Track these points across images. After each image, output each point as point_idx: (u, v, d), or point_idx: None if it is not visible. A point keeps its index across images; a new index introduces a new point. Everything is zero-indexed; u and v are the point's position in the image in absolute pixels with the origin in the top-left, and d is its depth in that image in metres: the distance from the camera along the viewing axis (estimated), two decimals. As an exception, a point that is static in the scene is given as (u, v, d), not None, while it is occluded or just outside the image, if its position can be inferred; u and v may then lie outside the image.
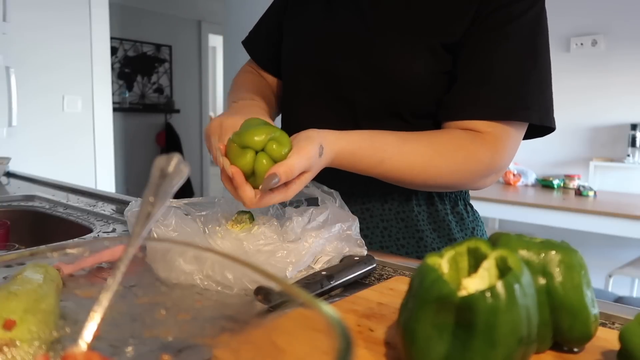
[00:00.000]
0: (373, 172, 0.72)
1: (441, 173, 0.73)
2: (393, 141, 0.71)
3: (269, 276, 0.31)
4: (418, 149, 0.72)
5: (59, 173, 2.61)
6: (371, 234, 0.85)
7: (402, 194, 0.84)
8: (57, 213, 1.05)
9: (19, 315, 0.35)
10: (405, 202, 0.84)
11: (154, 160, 0.36)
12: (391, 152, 0.71)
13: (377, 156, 0.70)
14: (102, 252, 0.41)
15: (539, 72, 0.74)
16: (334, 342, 0.24)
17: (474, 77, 0.75)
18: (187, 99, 5.35)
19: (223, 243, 0.59)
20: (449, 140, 0.74)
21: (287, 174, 0.58)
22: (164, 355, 0.35)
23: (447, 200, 0.87)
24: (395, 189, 0.81)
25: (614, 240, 2.92)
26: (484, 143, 0.73)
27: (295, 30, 0.92)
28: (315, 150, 0.62)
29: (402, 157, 0.71)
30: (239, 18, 3.43)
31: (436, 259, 0.40)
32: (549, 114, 0.75)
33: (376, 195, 0.85)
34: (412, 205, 0.85)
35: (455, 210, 0.87)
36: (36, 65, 2.68)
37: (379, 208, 0.85)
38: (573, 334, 0.41)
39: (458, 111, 0.75)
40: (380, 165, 0.70)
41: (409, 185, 0.76)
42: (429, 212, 0.85)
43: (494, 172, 0.76)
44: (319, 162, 0.63)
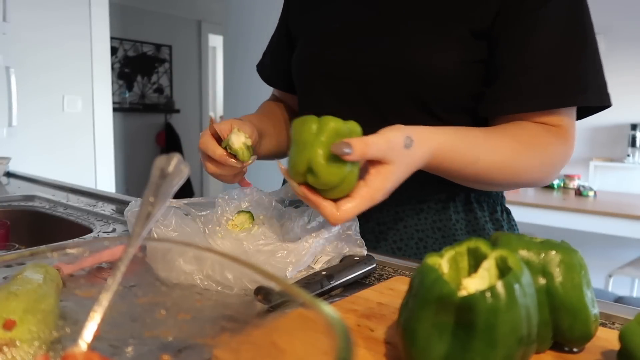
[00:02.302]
0: (465, 173, 0.65)
1: (527, 169, 0.68)
2: (482, 136, 0.65)
3: (269, 276, 0.31)
4: (504, 144, 0.66)
5: (59, 173, 2.61)
6: (405, 246, 0.78)
7: (438, 201, 0.77)
8: (57, 213, 1.05)
9: (19, 315, 0.35)
10: (442, 210, 0.78)
11: (154, 160, 0.36)
12: (483, 149, 0.64)
13: (472, 154, 0.63)
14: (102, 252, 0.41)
15: (591, 51, 0.69)
16: (334, 342, 0.24)
17: (518, 66, 0.68)
18: (187, 99, 5.34)
19: (223, 243, 0.59)
20: (528, 135, 0.68)
21: (362, 146, 0.50)
22: (164, 355, 0.35)
23: (485, 206, 0.81)
24: (431, 196, 0.77)
25: (614, 240, 2.92)
26: (557, 135, 0.69)
27: (305, 30, 0.87)
28: (399, 139, 0.54)
29: (493, 153, 0.65)
30: (239, 18, 3.43)
31: (436, 259, 0.40)
32: (606, 92, 0.70)
33: (411, 204, 0.77)
34: (450, 214, 0.78)
35: (493, 217, 0.81)
36: (36, 65, 2.67)
37: (414, 217, 0.78)
38: (573, 334, 0.41)
39: (506, 104, 0.69)
40: (474, 164, 0.64)
41: (492, 185, 0.71)
42: (467, 219, 0.79)
43: (564, 164, 0.72)
44: (407, 156, 0.55)
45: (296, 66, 0.86)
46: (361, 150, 0.51)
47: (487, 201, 0.81)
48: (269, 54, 0.99)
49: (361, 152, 0.51)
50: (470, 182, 0.69)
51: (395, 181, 0.55)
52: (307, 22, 0.87)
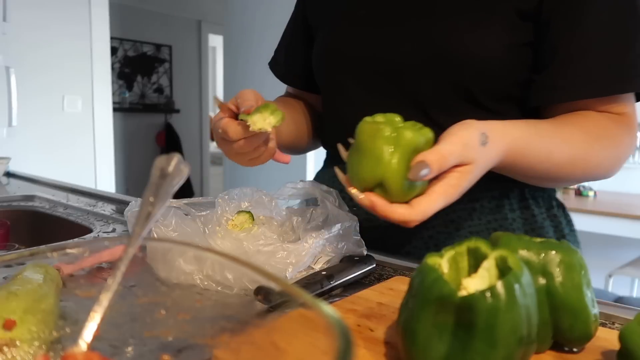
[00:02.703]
0: (538, 169, 0.60)
1: (598, 162, 0.63)
2: (550, 129, 0.61)
3: (269, 276, 0.31)
4: (575, 136, 0.61)
5: (59, 173, 2.61)
6: None
7: (492, 199, 0.71)
8: (57, 213, 1.05)
9: (19, 315, 0.35)
10: (496, 208, 0.71)
11: (154, 160, 0.36)
12: (555, 143, 0.60)
13: (546, 148, 0.59)
14: (102, 252, 0.41)
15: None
16: (334, 342, 0.24)
17: (578, 48, 0.63)
18: (187, 99, 5.34)
19: (223, 243, 0.59)
20: (595, 125, 0.63)
21: (440, 161, 0.47)
22: (164, 355, 0.35)
23: (541, 201, 0.74)
24: (484, 194, 0.71)
25: (614, 240, 2.92)
26: (623, 125, 0.64)
27: (326, 20, 0.79)
28: (473, 137, 0.50)
29: (566, 147, 0.60)
30: (239, 18, 3.43)
31: (436, 259, 0.40)
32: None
33: (462, 204, 0.69)
34: (505, 212, 0.71)
35: (551, 213, 0.75)
36: (36, 65, 2.67)
37: (467, 219, 0.72)
38: (573, 334, 0.41)
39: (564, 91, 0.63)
40: (548, 159, 0.59)
41: (562, 181, 0.66)
42: (524, 217, 0.72)
43: (629, 155, 0.68)
44: (484, 154, 0.51)
45: (318, 60, 0.80)
46: (438, 166, 0.47)
47: (543, 196, 0.75)
48: (283, 50, 0.92)
49: (439, 168, 0.47)
50: (541, 179, 0.65)
51: (471, 180, 0.51)
52: (328, 10, 0.80)
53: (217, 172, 5.59)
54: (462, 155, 0.49)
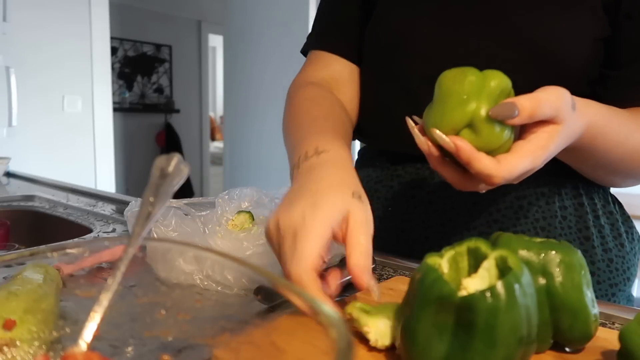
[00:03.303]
0: (611, 156, 0.56)
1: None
2: (624, 114, 0.56)
3: (269, 276, 0.31)
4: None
5: (59, 173, 2.61)
6: None
7: (542, 195, 0.65)
8: (57, 213, 1.05)
9: (19, 315, 0.35)
10: (546, 205, 0.65)
11: (154, 160, 0.36)
12: (631, 128, 0.55)
13: (622, 131, 0.54)
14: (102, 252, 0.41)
15: None
16: (334, 342, 0.24)
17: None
18: (187, 99, 5.34)
19: (223, 243, 0.59)
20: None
21: (532, 106, 0.43)
22: (164, 355, 0.35)
23: (596, 198, 0.68)
24: (532, 190, 0.65)
25: (614, 240, 2.92)
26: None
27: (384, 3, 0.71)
28: (567, 97, 0.46)
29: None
30: (239, 18, 3.43)
31: (436, 259, 0.40)
32: None
33: (507, 201, 0.65)
34: (555, 209, 0.65)
35: (607, 210, 0.69)
36: (36, 65, 2.67)
37: (512, 217, 0.65)
38: (573, 334, 0.41)
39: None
40: (624, 143, 0.55)
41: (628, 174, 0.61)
42: (578, 215, 0.66)
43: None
44: (573, 118, 0.47)
45: (375, 39, 0.71)
46: (530, 111, 0.43)
47: (598, 192, 0.68)
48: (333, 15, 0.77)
49: (530, 113, 0.43)
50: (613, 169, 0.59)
51: (559, 144, 0.47)
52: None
53: (217, 172, 5.59)
54: (555, 108, 0.45)
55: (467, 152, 0.44)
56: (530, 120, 0.44)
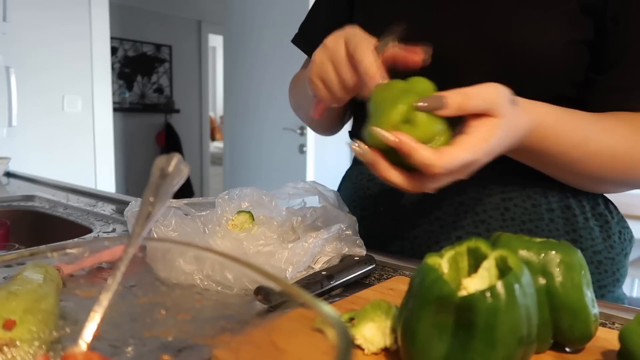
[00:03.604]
0: (569, 157, 0.56)
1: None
2: (590, 116, 0.56)
3: (269, 276, 0.31)
4: (618, 128, 0.56)
5: (59, 173, 2.61)
6: None
7: (528, 197, 0.65)
8: (57, 213, 1.05)
9: (19, 315, 0.35)
10: (532, 207, 0.65)
11: (154, 160, 0.36)
12: (594, 130, 0.55)
13: (580, 133, 0.54)
14: (102, 252, 0.41)
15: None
16: (334, 342, 0.24)
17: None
18: (187, 99, 5.35)
19: (223, 243, 0.59)
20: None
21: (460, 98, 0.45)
22: (164, 355, 0.35)
23: (585, 200, 0.67)
24: (517, 192, 0.65)
25: (614, 240, 2.92)
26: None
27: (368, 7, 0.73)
28: (503, 92, 0.47)
29: (606, 136, 0.55)
30: (239, 18, 3.43)
31: (436, 259, 0.40)
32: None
33: (494, 202, 0.66)
34: (542, 212, 0.65)
35: (596, 212, 0.68)
36: (36, 65, 2.68)
37: (498, 219, 0.65)
38: (573, 334, 0.41)
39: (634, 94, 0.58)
40: (581, 146, 0.54)
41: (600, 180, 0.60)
42: (565, 217, 0.66)
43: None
44: (513, 112, 0.48)
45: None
46: (459, 102, 0.45)
47: (587, 193, 0.67)
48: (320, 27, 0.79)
49: (459, 104, 0.45)
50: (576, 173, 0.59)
51: (500, 138, 0.47)
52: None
53: (217, 172, 5.59)
54: (488, 101, 0.46)
55: (408, 143, 0.45)
56: (460, 111, 0.46)
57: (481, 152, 0.46)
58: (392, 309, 0.43)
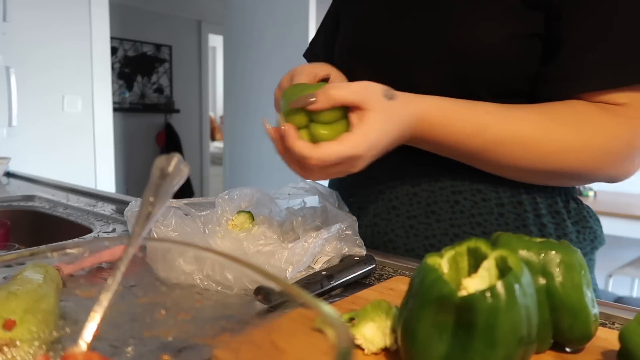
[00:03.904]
0: (469, 146, 0.57)
1: (563, 150, 0.56)
2: (494, 106, 0.58)
3: (269, 276, 0.31)
4: (529, 116, 0.57)
5: (59, 173, 2.61)
6: (439, 243, 0.68)
7: (477, 191, 0.67)
8: (57, 213, 1.05)
9: (19, 315, 0.35)
10: (482, 201, 0.66)
11: (154, 160, 0.36)
12: (494, 118, 0.56)
13: (476, 121, 0.56)
14: (102, 252, 0.41)
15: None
16: (334, 342, 0.24)
17: (589, 36, 0.58)
18: (187, 99, 5.34)
19: (223, 243, 0.59)
20: (570, 110, 0.58)
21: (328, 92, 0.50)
22: (164, 355, 0.35)
23: (540, 196, 0.67)
24: (467, 185, 0.67)
25: (614, 240, 2.91)
26: (618, 116, 0.57)
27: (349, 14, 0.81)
28: (376, 87, 0.52)
29: (510, 124, 0.56)
30: (239, 18, 3.43)
31: (436, 259, 0.40)
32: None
33: (444, 194, 0.68)
34: (492, 206, 0.66)
35: (552, 210, 0.68)
36: (36, 65, 2.67)
37: (448, 211, 0.68)
38: (573, 334, 0.41)
39: (574, 82, 0.58)
40: (480, 134, 0.56)
41: (515, 169, 0.60)
42: (516, 212, 0.66)
43: (638, 155, 0.59)
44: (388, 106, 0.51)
45: (338, 52, 0.81)
46: (324, 96, 0.50)
47: (543, 190, 0.67)
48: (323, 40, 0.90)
49: (325, 98, 0.50)
50: (484, 160, 0.60)
51: (379, 131, 0.51)
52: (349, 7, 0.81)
53: (217, 172, 5.59)
54: (359, 96, 0.50)
55: (289, 138, 0.51)
56: (327, 103, 0.50)
57: (362, 147, 0.51)
58: (392, 309, 0.43)
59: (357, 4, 0.78)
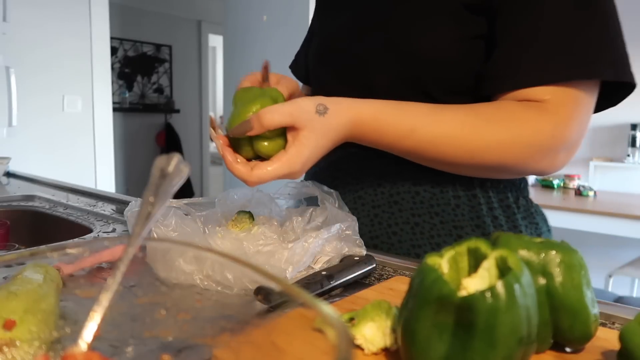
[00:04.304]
0: (402, 146, 0.62)
1: (490, 146, 0.61)
2: (425, 109, 0.62)
3: (269, 276, 0.31)
4: (458, 116, 0.61)
5: (59, 173, 2.61)
6: (401, 231, 0.74)
7: (436, 183, 0.72)
8: (57, 213, 1.05)
9: (19, 315, 0.35)
10: (440, 193, 0.72)
11: (154, 160, 0.36)
12: (425, 120, 0.60)
13: (408, 123, 0.60)
14: (102, 252, 0.41)
15: (601, 20, 0.62)
16: (334, 342, 0.24)
17: (518, 38, 0.63)
18: (187, 99, 5.34)
19: (223, 243, 0.59)
20: (496, 108, 0.63)
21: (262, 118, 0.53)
22: (164, 355, 0.35)
23: (493, 191, 0.73)
24: (428, 178, 0.72)
25: (614, 240, 2.92)
26: (542, 111, 0.61)
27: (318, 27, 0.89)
28: (309, 104, 0.55)
29: (440, 125, 0.60)
30: (239, 18, 3.43)
31: (436, 259, 0.40)
32: (625, 67, 0.62)
33: (406, 186, 0.73)
34: (449, 197, 0.72)
35: (504, 204, 0.74)
36: (36, 65, 2.68)
37: (409, 201, 0.73)
38: (573, 334, 0.41)
39: (505, 79, 0.63)
40: (411, 135, 0.60)
41: (448, 164, 0.65)
42: (471, 205, 0.72)
43: (563, 148, 0.63)
44: (319, 122, 0.55)
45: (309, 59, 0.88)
46: (259, 120, 0.53)
47: (496, 187, 0.73)
48: (303, 53, 0.97)
49: (259, 124, 0.53)
50: (417, 158, 0.65)
51: (313, 148, 0.56)
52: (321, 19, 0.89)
53: (217, 172, 5.59)
54: (291, 117, 0.54)
55: (228, 161, 0.56)
56: (262, 128, 0.54)
57: (296, 165, 0.55)
58: (392, 309, 0.43)
59: (328, 17, 0.86)
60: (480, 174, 0.70)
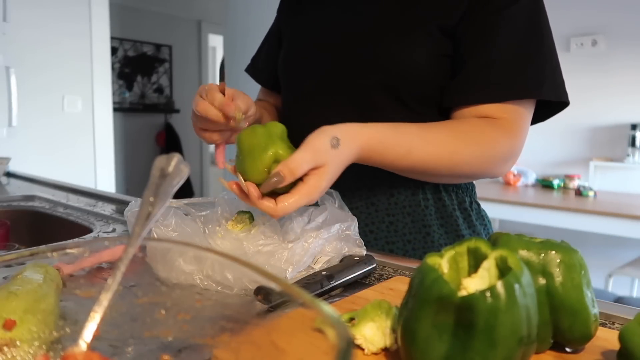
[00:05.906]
0: (401, 164, 0.70)
1: (467, 161, 0.72)
2: (416, 131, 0.70)
3: (269, 276, 0.31)
4: (441, 137, 0.71)
5: (59, 173, 2.61)
6: (377, 229, 0.83)
7: (408, 187, 0.83)
8: (57, 213, 1.05)
9: (19, 315, 0.35)
10: (412, 195, 0.83)
11: (154, 160, 0.36)
12: (417, 142, 0.69)
13: (405, 145, 0.68)
14: (102, 252, 0.41)
15: (547, 51, 0.75)
16: (334, 342, 0.24)
17: (480, 60, 0.74)
18: (187, 99, 5.34)
19: (223, 243, 0.59)
20: (470, 128, 0.73)
21: (292, 170, 0.57)
22: (164, 355, 0.35)
23: (454, 195, 0.86)
24: (401, 182, 0.81)
25: (614, 240, 2.92)
26: (500, 128, 0.73)
27: (292, 33, 0.94)
28: (324, 142, 0.60)
29: (429, 146, 0.70)
30: (239, 18, 3.43)
31: (436, 259, 0.40)
32: (563, 89, 0.76)
33: (382, 189, 0.84)
34: (419, 200, 0.83)
35: (462, 207, 0.86)
36: (36, 65, 2.67)
37: (385, 202, 0.83)
38: (573, 334, 0.41)
39: (467, 96, 0.75)
40: (408, 155, 0.68)
41: (433, 176, 0.76)
42: (437, 206, 0.84)
43: (512, 157, 0.76)
44: (336, 155, 0.60)
45: (282, 64, 0.93)
46: (291, 172, 0.57)
47: (456, 192, 0.86)
48: (264, 57, 1.04)
49: (292, 174, 0.57)
50: (410, 173, 0.75)
51: (329, 179, 0.60)
52: (295, 26, 0.94)
53: (217, 172, 5.59)
54: (313, 160, 0.58)
55: (253, 198, 0.59)
56: (294, 177, 0.57)
57: (316, 194, 0.59)
58: (392, 309, 0.43)
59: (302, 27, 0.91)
60: (451, 181, 0.83)
